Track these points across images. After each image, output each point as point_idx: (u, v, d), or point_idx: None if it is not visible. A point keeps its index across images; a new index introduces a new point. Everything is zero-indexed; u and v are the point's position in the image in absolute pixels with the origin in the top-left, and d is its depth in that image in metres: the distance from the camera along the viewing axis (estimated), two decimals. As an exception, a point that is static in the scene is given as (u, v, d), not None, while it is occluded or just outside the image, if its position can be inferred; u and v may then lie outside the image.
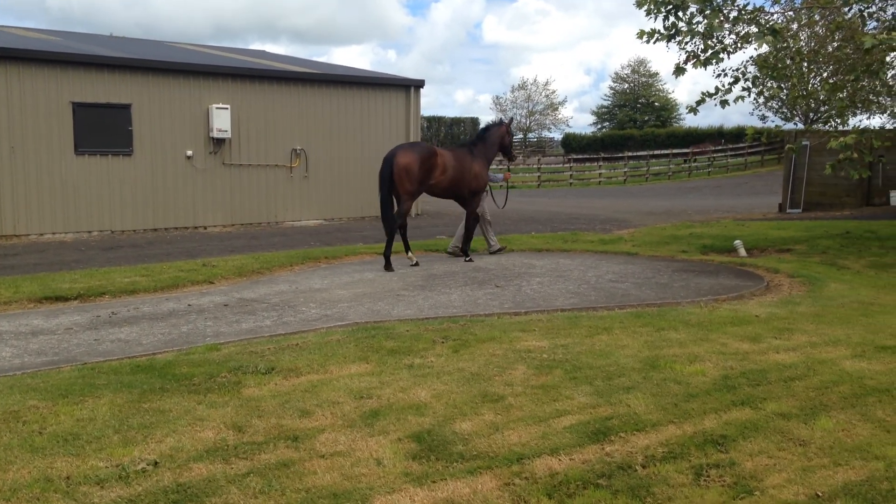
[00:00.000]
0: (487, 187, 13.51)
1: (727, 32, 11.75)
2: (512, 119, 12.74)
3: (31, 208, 17.39)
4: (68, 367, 6.40)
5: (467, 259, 13.00)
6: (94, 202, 18.15)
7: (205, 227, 19.74)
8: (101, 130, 18.12)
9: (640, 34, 11.51)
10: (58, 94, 17.60)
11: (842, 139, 11.95)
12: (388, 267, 11.98)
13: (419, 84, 23.66)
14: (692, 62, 11.59)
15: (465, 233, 13.30)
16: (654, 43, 11.60)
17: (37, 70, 17.33)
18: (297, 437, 4.68)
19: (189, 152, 19.36)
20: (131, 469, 4.19)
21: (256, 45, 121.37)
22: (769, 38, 9.91)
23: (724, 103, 11.95)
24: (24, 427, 4.84)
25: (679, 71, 11.55)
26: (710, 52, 11.57)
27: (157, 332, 7.88)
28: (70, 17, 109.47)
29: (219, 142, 19.75)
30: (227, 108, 19.57)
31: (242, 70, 20.39)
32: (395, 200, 12.46)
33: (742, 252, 13.57)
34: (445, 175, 12.46)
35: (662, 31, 11.41)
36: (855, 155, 12.07)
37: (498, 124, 13.56)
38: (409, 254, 12.76)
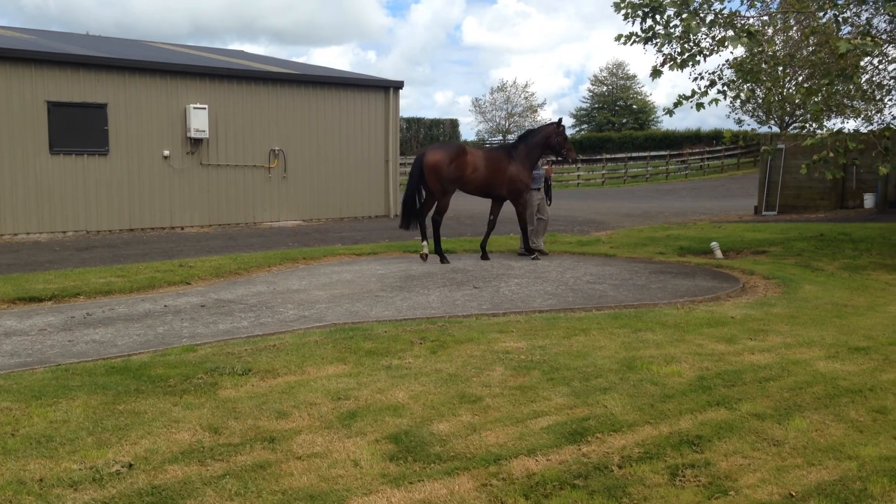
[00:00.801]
0: (540, 186, 13.88)
1: (703, 35, 11.86)
2: (561, 119, 13.08)
3: (5, 208, 17.18)
4: (42, 368, 6.33)
5: (533, 257, 13.18)
6: (69, 202, 17.97)
7: (182, 228, 19.60)
8: (77, 130, 17.95)
9: (618, 37, 11.64)
10: (33, 93, 17.42)
11: (818, 135, 12.11)
12: (443, 260, 12.77)
13: (398, 85, 23.65)
14: (669, 65, 11.68)
15: (521, 234, 13.62)
16: (632, 45, 11.71)
17: (11, 69, 17.14)
18: (273, 439, 4.66)
19: (166, 152, 19.22)
20: (105, 471, 4.15)
21: (235, 46, 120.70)
22: (745, 40, 10.01)
23: (699, 106, 12.05)
24: (-4, 429, 4.77)
25: (656, 73, 11.64)
26: (686, 54, 11.67)
27: (132, 333, 7.81)
28: (46, 16, 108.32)
29: (196, 142, 19.63)
30: (204, 109, 19.45)
31: (220, 70, 20.28)
32: (420, 198, 12.93)
33: (718, 254, 13.69)
34: (477, 174, 12.72)
35: (640, 33, 11.51)
36: (831, 154, 12.21)
37: (547, 124, 13.65)
38: (424, 244, 12.92)
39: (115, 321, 8.37)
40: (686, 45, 11.84)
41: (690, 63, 11.56)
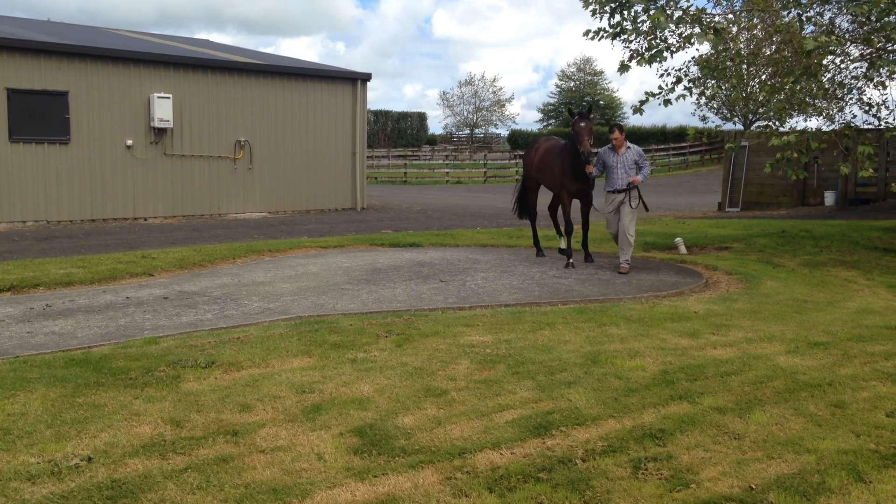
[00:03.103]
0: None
1: (670, 32, 11.96)
2: (584, 107, 12.11)
3: (-38, 196, 16.81)
4: (-1, 360, 6.21)
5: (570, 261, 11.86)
6: (28, 191, 17.64)
7: (145, 219, 19.34)
8: (37, 118, 17.62)
9: (586, 32, 11.72)
10: (-9, 80, 17.05)
11: (785, 137, 12.29)
12: (539, 254, 12.92)
13: (366, 77, 23.54)
14: (636, 60, 11.78)
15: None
16: (600, 40, 11.80)
17: (-31, 54, 16.76)
18: (236, 432, 4.62)
19: (129, 142, 18.95)
20: (64, 465, 4.08)
21: (202, 35, 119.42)
22: (711, 36, 10.12)
23: (666, 102, 12.17)
24: (-50, 422, 4.67)
25: (623, 68, 11.74)
26: (654, 50, 11.77)
27: (93, 324, 7.68)
28: (9, 2, 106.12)
29: (160, 131, 19.37)
30: (168, 98, 19.20)
31: (185, 59, 20.02)
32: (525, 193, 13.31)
33: (682, 249, 13.83)
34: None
35: (608, 28, 11.59)
36: (795, 155, 12.40)
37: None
38: (561, 241, 12.69)
39: (76, 313, 8.23)
40: (653, 42, 11.94)
41: (658, 59, 11.65)
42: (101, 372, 5.72)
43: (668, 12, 10.86)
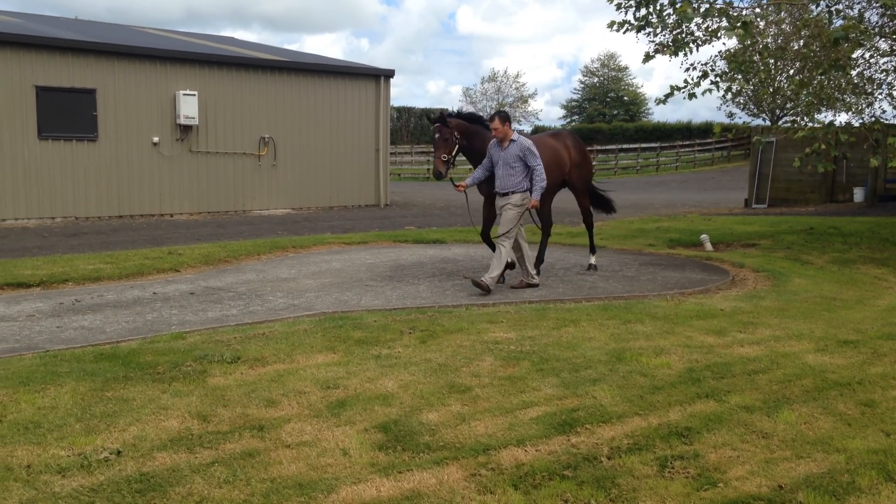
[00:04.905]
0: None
1: (696, 27, 11.87)
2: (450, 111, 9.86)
3: (-8, 193, 17.06)
4: (30, 354, 6.29)
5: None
6: (57, 188, 17.86)
7: (171, 215, 19.51)
8: (66, 115, 17.83)
9: (611, 24, 11.66)
10: (21, 78, 17.28)
11: (810, 126, 12.17)
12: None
13: (389, 74, 23.56)
14: (662, 51, 11.71)
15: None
16: (625, 33, 11.75)
17: (-1, 52, 16.99)
18: (262, 427, 4.64)
19: (155, 139, 19.11)
20: (93, 458, 4.13)
21: (228, 32, 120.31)
22: (740, 31, 10.00)
23: (691, 96, 12.08)
24: (-18, 415, 4.74)
25: (648, 58, 11.68)
26: (678, 42, 11.71)
27: (121, 319, 7.77)
28: (38, 0, 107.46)
29: (186, 129, 19.52)
30: (194, 95, 19.34)
31: (210, 56, 20.15)
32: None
33: (708, 246, 13.72)
34: None
35: (633, 21, 11.54)
36: (822, 146, 12.25)
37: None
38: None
39: (104, 308, 8.32)
40: (679, 35, 11.85)
41: (684, 50, 11.57)
42: (129, 366, 5.78)
43: (695, 5, 10.79)
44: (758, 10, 13.62)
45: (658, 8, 11.43)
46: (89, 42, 18.47)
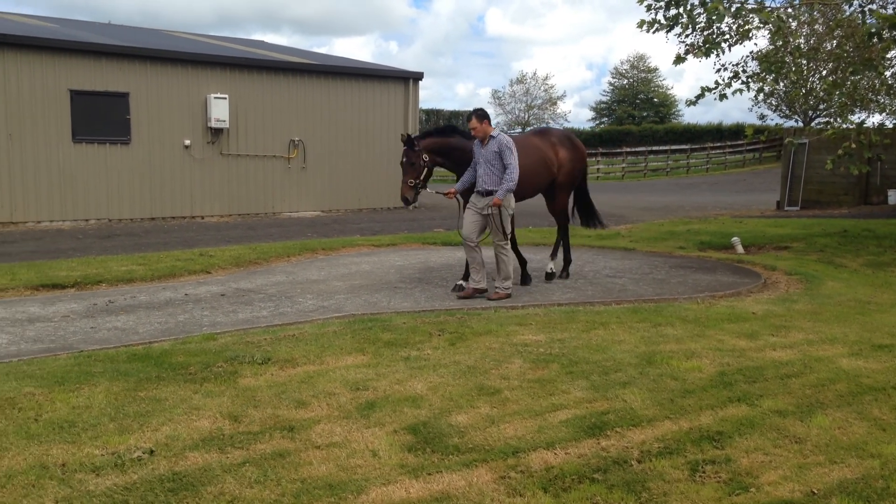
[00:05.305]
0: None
1: (728, 26, 11.78)
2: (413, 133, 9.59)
3: (29, 196, 17.35)
4: (65, 354, 6.39)
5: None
6: (91, 190, 18.12)
7: (202, 217, 19.71)
8: (99, 118, 18.08)
9: (641, 23, 11.61)
10: (55, 82, 17.55)
11: (842, 125, 12.03)
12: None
13: (418, 76, 23.61)
14: (693, 52, 11.64)
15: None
16: (654, 33, 11.70)
17: (35, 57, 17.28)
18: (292, 428, 4.68)
19: (187, 142, 19.32)
20: (127, 457, 4.18)
21: (258, 35, 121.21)
22: (774, 17, 9.88)
23: (723, 97, 12.00)
24: (19, 414, 4.83)
25: (679, 59, 11.61)
26: (709, 43, 11.63)
27: (153, 320, 7.86)
28: (71, 4, 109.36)
29: (217, 132, 19.71)
30: (225, 98, 19.53)
31: (241, 60, 20.34)
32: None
33: (739, 249, 13.58)
34: None
35: (663, 21, 11.48)
36: (854, 146, 12.09)
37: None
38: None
39: (137, 309, 8.43)
40: (710, 36, 11.77)
41: (715, 50, 11.48)
42: (161, 367, 5.85)
43: (726, 4, 10.72)
44: (790, 10, 13.49)
45: (688, 8, 11.36)
46: (122, 46, 18.73)
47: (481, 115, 8.98)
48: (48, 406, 4.97)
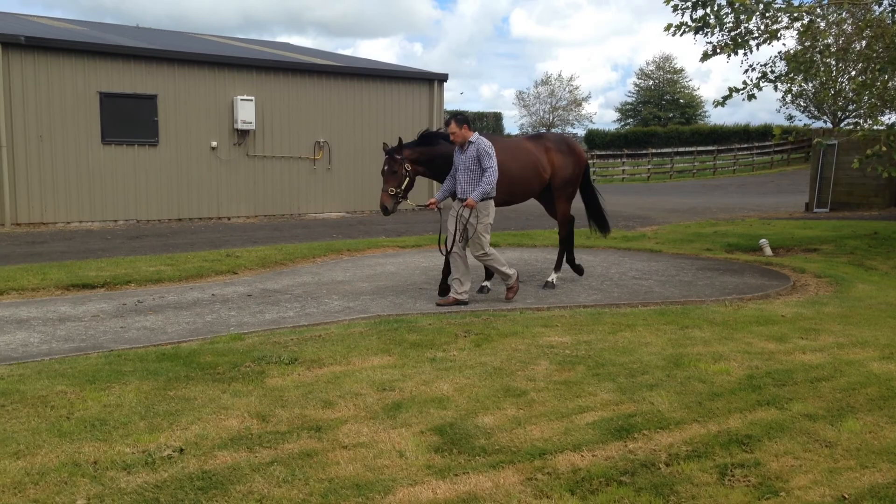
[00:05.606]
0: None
1: (755, 27, 11.69)
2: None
3: (59, 196, 17.59)
4: (95, 353, 6.47)
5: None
6: (119, 191, 18.33)
7: (228, 218, 19.86)
8: (128, 120, 18.29)
9: (668, 27, 11.55)
10: (85, 84, 17.78)
11: (871, 126, 11.88)
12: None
13: (443, 78, 23.64)
14: (720, 50, 11.57)
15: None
16: (682, 35, 11.62)
17: (65, 60, 17.52)
18: (320, 428, 4.70)
19: (214, 143, 19.49)
20: (157, 455, 4.23)
21: (283, 38, 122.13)
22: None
23: (751, 97, 11.91)
24: (52, 412, 4.90)
25: (706, 56, 11.54)
26: (736, 43, 11.56)
27: (181, 320, 7.94)
28: (101, 7, 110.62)
29: (243, 133, 19.86)
30: (251, 100, 19.67)
31: (267, 62, 20.48)
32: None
33: (768, 251, 13.45)
34: None
35: (690, 23, 11.41)
36: (883, 148, 11.94)
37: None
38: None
39: (165, 309, 8.52)
40: (737, 37, 11.68)
41: (743, 48, 11.40)
42: (190, 366, 5.91)
43: (754, 1, 10.65)
44: (818, 10, 13.35)
45: (716, 8, 11.28)
46: (151, 49, 18.93)
47: (461, 119, 8.72)
48: (80, 404, 5.04)
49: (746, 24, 11.51)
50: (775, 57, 14.04)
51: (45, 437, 4.48)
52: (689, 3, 11.62)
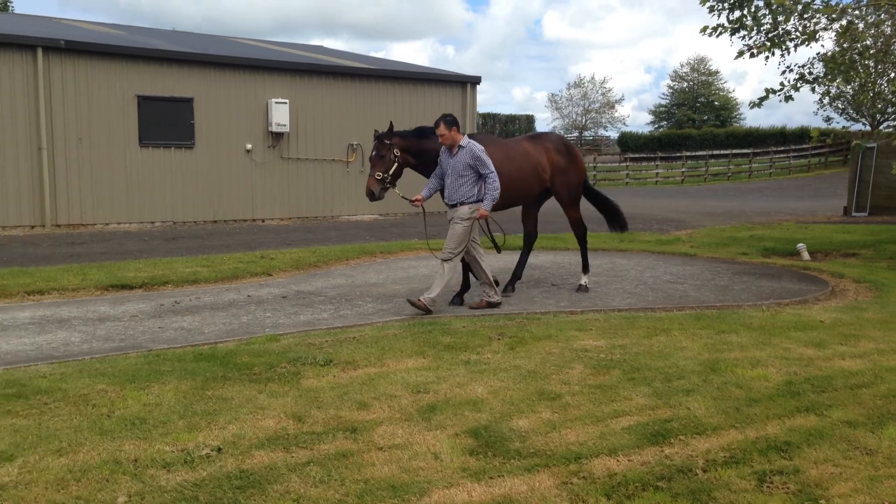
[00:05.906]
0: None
1: (792, 27, 11.55)
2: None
3: (98, 198, 17.87)
4: (134, 353, 6.57)
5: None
6: (157, 194, 18.58)
7: (262, 220, 20.04)
8: (165, 123, 18.54)
9: (704, 29, 11.45)
10: (123, 88, 18.06)
11: None
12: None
13: (475, 80, 23.65)
14: (757, 49, 11.46)
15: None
16: (718, 37, 11.52)
17: (103, 63, 17.81)
18: (355, 429, 4.73)
19: (249, 146, 19.68)
20: (196, 454, 4.28)
21: (317, 41, 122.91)
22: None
23: (788, 98, 11.78)
24: (93, 410, 4.98)
25: (740, 54, 11.45)
26: (773, 43, 11.45)
27: (218, 321, 8.03)
28: (138, 12, 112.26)
29: (277, 136, 20.03)
30: (285, 103, 19.83)
31: (301, 65, 20.64)
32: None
33: (805, 255, 13.27)
34: None
35: (727, 24, 11.31)
36: None
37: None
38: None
39: (202, 309, 8.62)
40: (774, 38, 11.56)
41: (780, 48, 11.27)
42: (227, 367, 5.98)
43: (791, 1, 10.54)
44: (857, 11, 13.15)
45: (752, 10, 11.17)
46: (187, 53, 19.18)
47: (450, 121, 8.45)
48: (120, 403, 5.12)
49: (784, 26, 11.39)
50: (813, 58, 13.83)
51: (87, 434, 4.56)
52: (725, 5, 11.52)
